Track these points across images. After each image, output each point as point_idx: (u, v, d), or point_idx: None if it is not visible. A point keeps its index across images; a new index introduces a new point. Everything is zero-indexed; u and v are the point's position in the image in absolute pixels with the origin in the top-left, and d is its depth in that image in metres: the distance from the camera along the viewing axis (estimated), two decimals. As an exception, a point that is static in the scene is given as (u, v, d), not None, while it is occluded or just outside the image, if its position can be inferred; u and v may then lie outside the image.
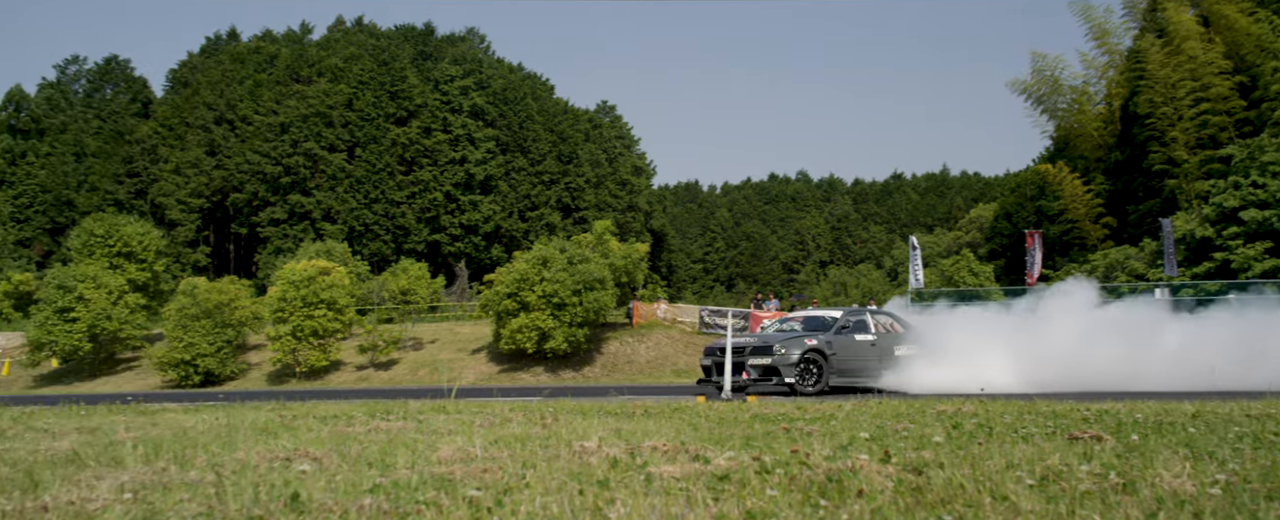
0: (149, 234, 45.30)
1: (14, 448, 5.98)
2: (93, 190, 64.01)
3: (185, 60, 75.40)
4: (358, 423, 7.41)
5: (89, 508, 3.43)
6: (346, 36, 73.09)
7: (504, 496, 3.34)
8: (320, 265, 38.24)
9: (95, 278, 40.24)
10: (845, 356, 16.04)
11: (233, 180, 61.18)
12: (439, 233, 63.10)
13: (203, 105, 64.16)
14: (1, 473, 4.65)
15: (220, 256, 64.85)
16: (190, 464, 4.60)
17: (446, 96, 65.82)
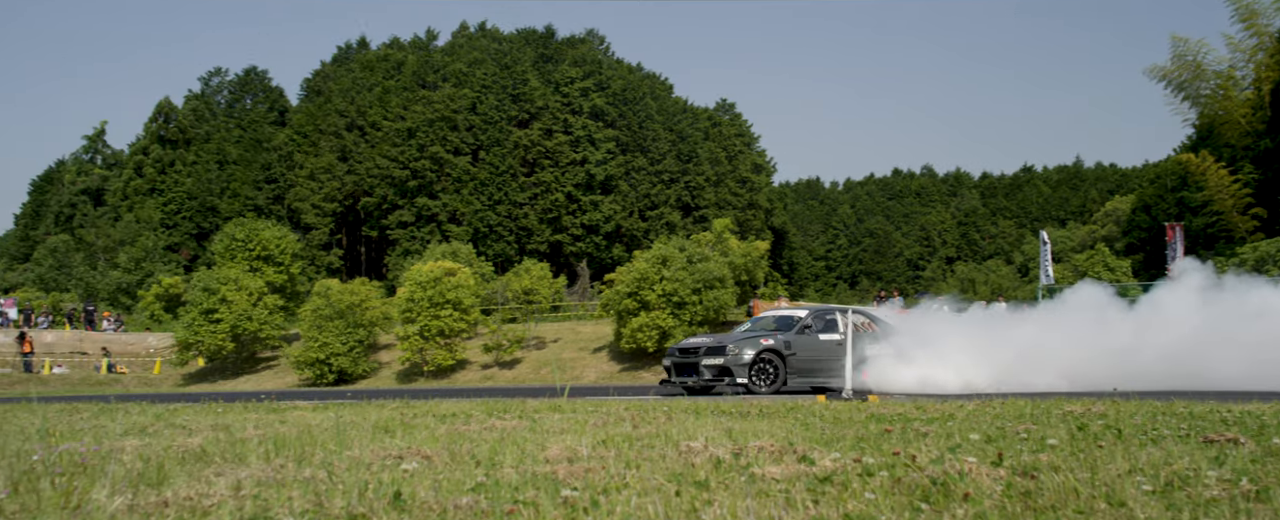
0: (285, 238, 47.12)
1: (151, 444, 6.26)
2: (234, 196, 67.04)
3: (318, 69, 78.33)
4: (474, 421, 7.53)
5: (205, 503, 3.55)
6: (470, 42, 74.67)
7: (601, 497, 3.33)
8: (446, 266, 39.12)
9: (237, 280, 42.04)
10: (806, 356, 16.05)
11: (363, 184, 63.17)
12: (561, 233, 63.93)
13: (335, 112, 66.46)
14: (135, 468, 4.85)
15: (352, 259, 67.07)
16: (308, 461, 4.74)
17: (567, 98, 66.62)
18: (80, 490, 3.76)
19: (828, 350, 16.20)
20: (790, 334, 16.31)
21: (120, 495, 3.74)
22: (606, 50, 78.78)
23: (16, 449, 4.77)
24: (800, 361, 16.03)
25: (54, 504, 3.62)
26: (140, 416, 9.90)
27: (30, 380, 40.78)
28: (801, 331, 16.44)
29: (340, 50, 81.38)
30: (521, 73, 66.70)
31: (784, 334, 16.34)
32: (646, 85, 71.36)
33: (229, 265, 44.27)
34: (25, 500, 3.65)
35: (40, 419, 9.97)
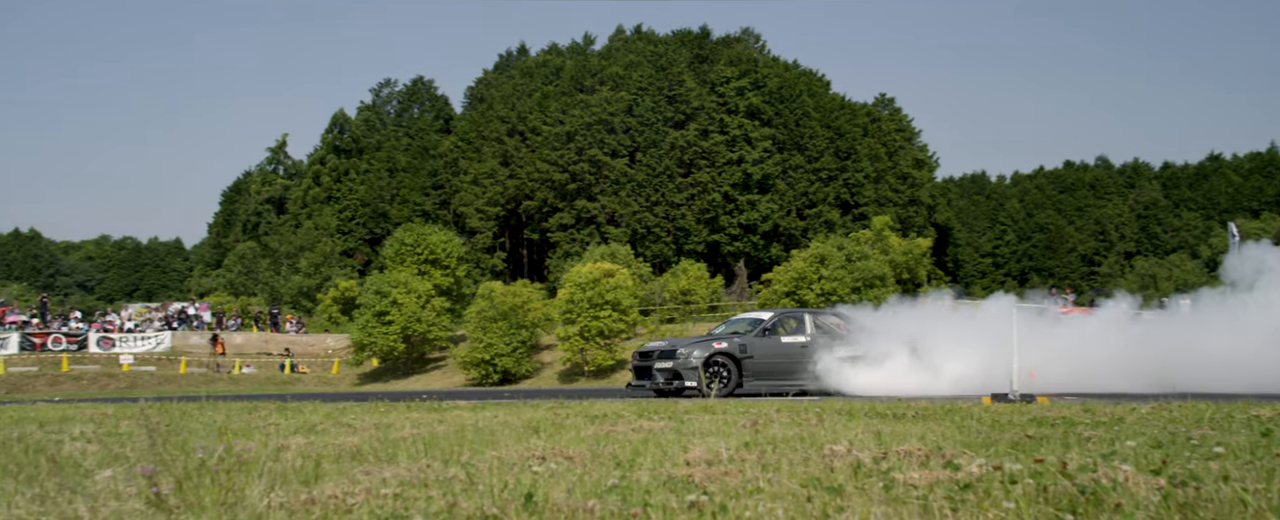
0: (451, 241, 48.74)
1: (315, 442, 6.52)
2: (403, 202, 69.79)
3: (481, 77, 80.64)
4: (623, 422, 7.55)
5: (348, 501, 3.65)
6: (626, 45, 75.45)
7: (730, 501, 3.26)
8: (605, 268, 39.65)
9: (406, 283, 43.74)
10: (766, 359, 15.93)
11: (524, 188, 64.69)
12: (718, 233, 63.87)
13: (497, 119, 68.30)
14: (294, 466, 5.05)
15: (515, 261, 68.78)
16: (453, 461, 4.83)
17: (723, 98, 66.51)
18: (237, 487, 3.92)
19: (790, 353, 16.09)
20: (749, 337, 16.23)
21: (272, 493, 3.89)
22: (762, 49, 78.25)
23: (186, 445, 5.04)
24: (759, 364, 15.90)
25: (213, 500, 3.79)
26: (312, 415, 10.34)
27: (222, 379, 43.52)
28: (763, 334, 16.32)
29: (501, 58, 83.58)
30: (677, 74, 66.97)
31: (742, 337, 16.28)
32: (803, 83, 70.48)
33: (399, 269, 46.10)
34: (187, 496, 3.83)
35: (223, 416, 10.57)
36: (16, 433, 8.81)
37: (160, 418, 9.92)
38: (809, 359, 16.00)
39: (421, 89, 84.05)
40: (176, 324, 48.94)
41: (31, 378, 41.53)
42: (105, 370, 43.59)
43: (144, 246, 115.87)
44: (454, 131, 74.44)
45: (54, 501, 4.09)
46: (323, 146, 79.01)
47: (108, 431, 8.20)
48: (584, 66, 70.83)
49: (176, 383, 40.98)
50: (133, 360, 44.65)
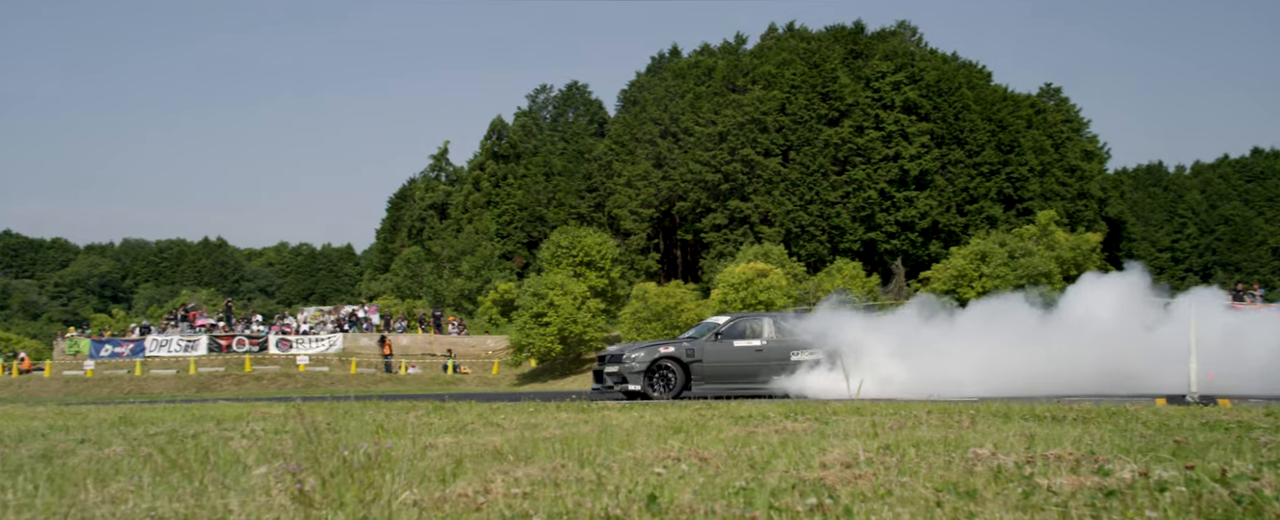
0: (606, 243, 49.36)
1: (462, 441, 6.65)
2: (559, 206, 71.10)
3: (634, 80, 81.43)
4: (767, 423, 7.42)
5: (479, 500, 3.68)
6: (779, 43, 74.79)
7: (857, 505, 3.12)
8: (758, 268, 39.40)
9: (562, 285, 44.54)
10: (716, 362, 16.19)
11: (677, 189, 64.89)
12: (874, 231, 62.54)
13: (649, 121, 68.78)
14: (438, 464, 5.14)
15: (669, 262, 69.10)
16: (589, 461, 4.83)
17: (878, 93, 65.10)
18: (377, 484, 4.01)
19: (744, 356, 16.27)
20: (700, 341, 16.51)
21: (408, 490, 3.96)
22: (919, 42, 76.29)
23: (339, 444, 5.21)
24: (709, 368, 16.19)
25: (353, 496, 3.88)
26: (465, 415, 10.58)
27: (390, 379, 45.32)
28: (715, 338, 16.52)
29: (654, 61, 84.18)
30: (831, 70, 65.95)
31: (691, 341, 16.58)
32: (962, 75, 68.26)
33: (555, 271, 46.99)
34: (330, 493, 3.94)
35: (382, 416, 10.95)
36: (193, 430, 9.34)
37: (324, 417, 10.35)
38: (765, 362, 16.19)
39: (576, 93, 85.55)
40: (347, 326, 51.18)
41: (218, 377, 44.23)
42: (284, 370, 46.02)
43: (318, 252, 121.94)
44: (608, 134, 75.39)
45: (208, 495, 4.27)
46: (482, 153, 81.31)
47: (273, 430, 8.59)
48: (736, 66, 70.56)
49: (348, 383, 42.87)
50: (308, 361, 46.99)
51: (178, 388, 42.02)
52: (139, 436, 8.44)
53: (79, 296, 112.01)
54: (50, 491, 4.68)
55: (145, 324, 52.99)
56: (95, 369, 45.95)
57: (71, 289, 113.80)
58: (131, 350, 47.02)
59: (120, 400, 26.74)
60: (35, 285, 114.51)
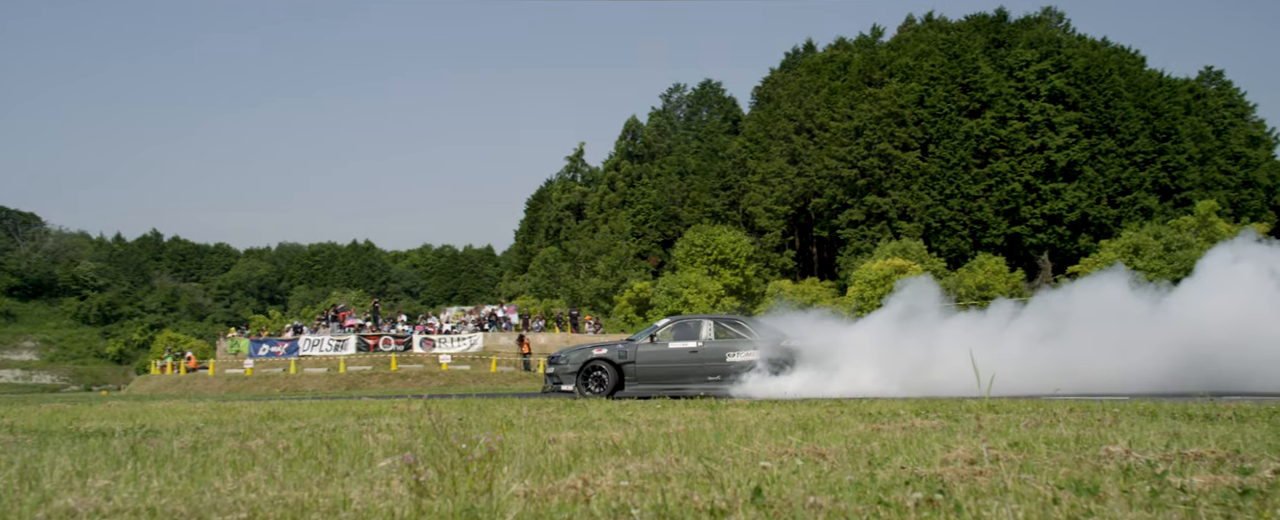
0: (740, 241, 49.19)
1: (583, 436, 6.69)
2: (694, 204, 71.14)
3: (768, 76, 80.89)
4: (897, 420, 7.23)
5: (587, 491, 3.68)
6: (917, 35, 73.15)
7: (970, 501, 2.97)
8: (895, 264, 38.59)
9: (696, 284, 44.61)
10: (650, 363, 16.70)
11: (813, 186, 64.11)
12: (1019, 225, 60.44)
13: (784, 117, 68.16)
14: (556, 458, 5.18)
15: (804, 259, 68.33)
16: (706, 456, 4.78)
17: (1022, 82, 62.91)
18: (490, 476, 4.05)
19: (678, 358, 16.78)
20: (636, 343, 17.06)
21: (520, 482, 3.99)
22: (1066, 28, 73.42)
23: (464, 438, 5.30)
24: (642, 369, 16.71)
25: (467, 487, 3.93)
26: (594, 412, 10.66)
27: (528, 377, 46.18)
28: (650, 340, 17.02)
29: (788, 57, 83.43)
30: (971, 61, 64.06)
31: (626, 344, 17.13)
32: (1113, 60, 65.31)
33: (690, 270, 47.07)
34: (446, 483, 4.00)
35: (512, 412, 11.13)
36: (333, 425, 9.68)
37: (457, 413, 10.60)
38: (700, 364, 16.72)
39: (709, 92, 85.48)
40: (487, 325, 52.36)
41: (366, 376, 45.87)
42: (427, 369, 47.38)
43: (460, 254, 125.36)
44: (742, 132, 75.08)
45: (332, 485, 4.41)
46: (617, 153, 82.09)
47: (406, 425, 8.82)
48: (872, 59, 69.31)
49: (488, 380, 43.86)
50: (450, 360, 48.25)
51: (328, 385, 43.79)
52: (283, 430, 8.79)
53: (240, 299, 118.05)
54: (189, 479, 4.91)
55: (298, 324, 55.37)
56: (254, 367, 48.26)
57: (233, 291, 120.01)
58: (286, 350, 49.18)
59: (273, 397, 28.04)
60: (201, 288, 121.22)
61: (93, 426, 9.96)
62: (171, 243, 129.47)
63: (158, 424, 10.40)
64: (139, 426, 9.75)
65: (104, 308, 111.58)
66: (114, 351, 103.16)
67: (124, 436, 8.12)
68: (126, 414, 12.78)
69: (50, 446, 7.07)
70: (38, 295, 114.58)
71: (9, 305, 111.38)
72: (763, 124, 70.77)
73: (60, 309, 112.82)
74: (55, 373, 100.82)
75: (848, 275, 53.62)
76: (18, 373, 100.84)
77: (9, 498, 4.30)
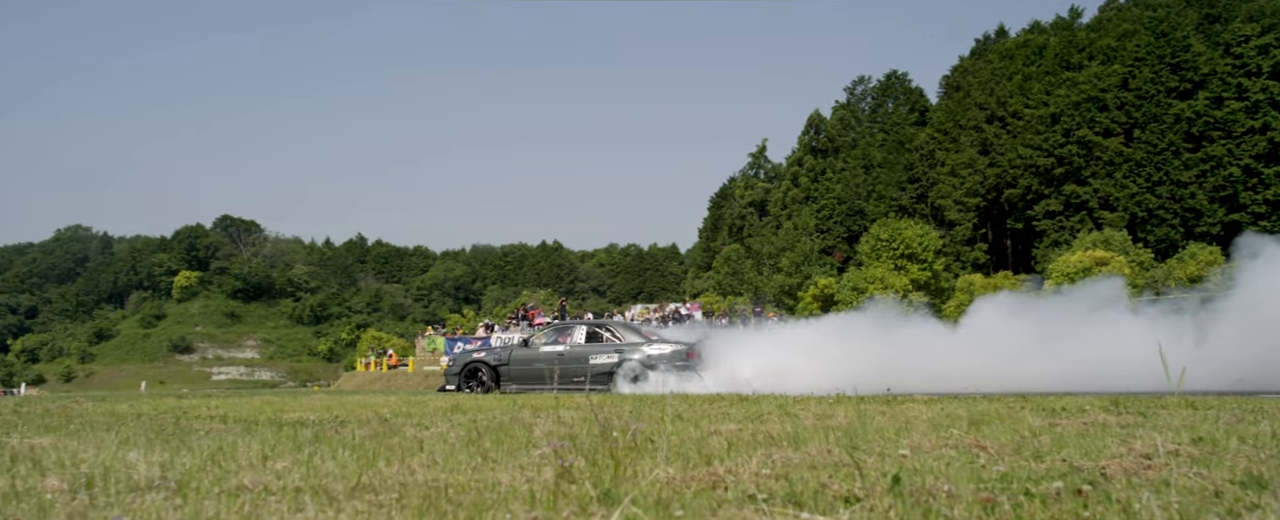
0: (928, 235, 47.71)
1: (744, 429, 6.64)
2: (880, 198, 69.56)
3: (956, 65, 78.20)
4: (1081, 416, 6.82)
5: (728, 479, 3.65)
6: (1120, 14, 69.11)
7: (1123, 494, 2.75)
8: (1096, 255, 36.60)
9: (883, 279, 43.58)
10: (522, 365, 18.40)
11: (1006, 176, 61.56)
12: (1238, 212, 56.06)
13: (974, 106, 65.75)
14: (713, 448, 5.15)
15: (997, 252, 65.68)
16: (860, 448, 4.64)
17: (1241, 59, 58.33)
18: (636, 464, 4.07)
19: (546, 360, 18.29)
20: (509, 347, 19.22)
21: (665, 469, 3.99)
22: (1289, -2, 67.64)
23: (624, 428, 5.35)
24: (515, 371, 18.40)
25: (611, 475, 3.96)
26: (765, 406, 10.56)
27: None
28: (523, 345, 18.94)
29: (978, 43, 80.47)
30: (1182, 39, 59.89)
31: (504, 348, 19.36)
32: (1356, 28, 59.63)
33: (875, 265, 46.05)
34: (593, 469, 4.05)
35: (685, 407, 11.17)
36: (510, 416, 9.97)
37: (630, 406, 10.72)
38: (565, 365, 18.11)
39: (895, 83, 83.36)
40: (672, 323, 52.80)
41: (555, 372, 47.08)
42: (614, 365, 48.21)
43: (645, 252, 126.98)
44: (929, 123, 72.89)
45: (487, 470, 4.53)
46: (800, 148, 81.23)
47: (579, 417, 8.97)
48: (1070, 42, 65.91)
49: (672, 376, 44.21)
50: (636, 356, 48.90)
51: (519, 381, 45.14)
52: (460, 421, 9.11)
53: (437, 298, 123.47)
54: (359, 463, 5.15)
55: (489, 322, 57.36)
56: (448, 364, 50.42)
57: (431, 292, 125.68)
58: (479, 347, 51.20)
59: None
60: (402, 289, 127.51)
61: (292, 417, 10.57)
62: (375, 246, 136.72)
63: (350, 415, 10.95)
64: (332, 418, 10.29)
65: (315, 308, 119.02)
66: (325, 349, 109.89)
67: (315, 426, 8.59)
68: (324, 406, 13.54)
69: (249, 434, 7.56)
70: (258, 297, 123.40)
71: (233, 307, 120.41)
72: (952, 114, 68.45)
73: (277, 310, 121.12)
74: (274, 370, 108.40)
75: (1044, 268, 51.21)
76: (242, 369, 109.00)
77: (197, 475, 4.61)
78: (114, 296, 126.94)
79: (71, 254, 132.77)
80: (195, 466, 4.99)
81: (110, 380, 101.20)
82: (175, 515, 3.35)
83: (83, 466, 5.03)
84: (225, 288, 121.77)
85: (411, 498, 3.60)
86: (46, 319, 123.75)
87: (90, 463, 5.22)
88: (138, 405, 14.13)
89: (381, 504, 3.58)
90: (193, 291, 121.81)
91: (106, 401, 15.90)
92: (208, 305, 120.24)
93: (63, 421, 9.55)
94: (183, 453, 5.76)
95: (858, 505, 2.86)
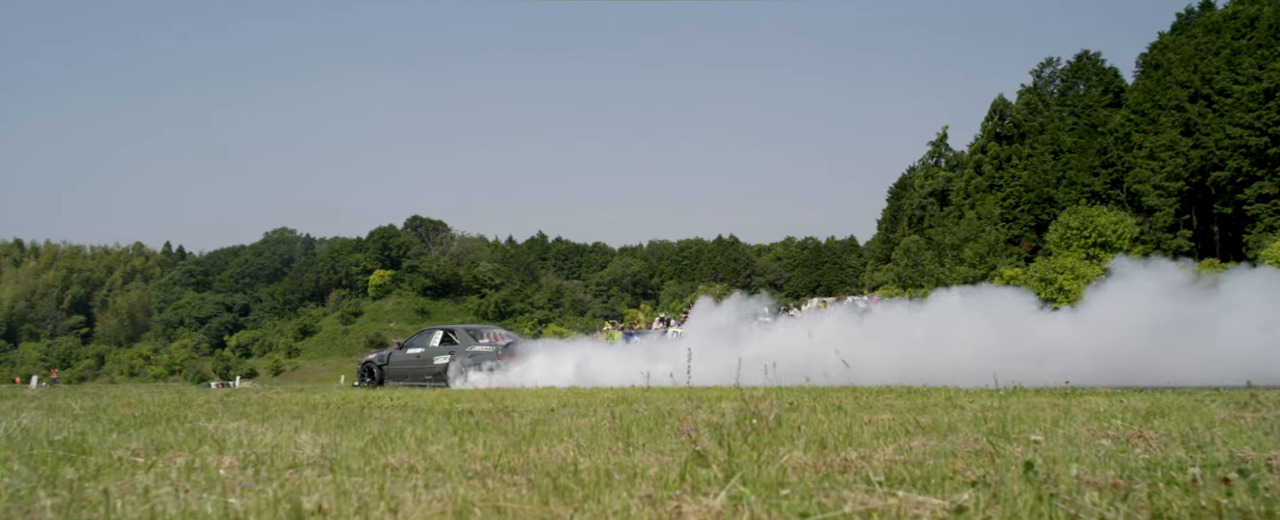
0: (1123, 222, 45.22)
1: (898, 419, 6.51)
2: (1070, 185, 66.23)
3: (1155, 42, 73.73)
4: (1266, 409, 6.34)
5: (858, 464, 3.58)
6: (1340, -22, 63.46)
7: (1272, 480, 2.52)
8: (1314, 241, 33.72)
9: (1073, 269, 41.57)
10: (396, 366, 22.29)
11: (1212, 158, 57.56)
12: None
13: (1175, 84, 61.77)
14: (859, 437, 5.07)
15: (1203, 239, 61.47)
16: (1010, 437, 4.46)
17: None
18: (772, 447, 4.04)
19: (410, 361, 22.10)
20: (391, 352, 22.76)
21: (802, 453, 3.95)
22: None
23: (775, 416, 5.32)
24: (392, 370, 22.33)
25: (747, 458, 3.94)
26: (935, 397, 10.28)
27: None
28: (398, 348, 22.65)
29: (1180, 18, 75.53)
30: None
31: (386, 353, 22.95)
32: None
33: (1065, 254, 44.04)
34: (728, 454, 4.04)
35: (850, 397, 10.97)
36: (671, 406, 10.05)
37: (793, 398, 10.61)
38: (421, 365, 21.91)
39: (1087, 64, 79.22)
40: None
41: (734, 365, 47.11)
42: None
43: (823, 245, 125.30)
44: (1125, 104, 68.89)
45: (627, 454, 4.59)
46: (983, 135, 78.32)
47: (739, 409, 8.96)
48: (1284, 11, 60.97)
49: (850, 371, 43.51)
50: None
51: (693, 374, 45.40)
52: (622, 412, 9.23)
53: (615, 294, 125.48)
54: (509, 448, 5.30)
55: (665, 316, 57.84)
56: (627, 357, 51.16)
57: (609, 287, 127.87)
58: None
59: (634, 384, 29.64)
60: (581, 285, 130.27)
61: (463, 406, 10.95)
62: (555, 243, 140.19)
63: (518, 405, 11.26)
64: (500, 407, 10.61)
65: (500, 304, 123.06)
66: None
67: (481, 415, 8.89)
68: (497, 397, 13.98)
69: (417, 421, 7.89)
70: (445, 294, 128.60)
71: (423, 303, 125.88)
72: (1150, 94, 64.45)
73: (464, 306, 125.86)
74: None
75: (1256, 255, 47.61)
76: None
77: (354, 456, 4.85)
78: (316, 295, 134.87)
79: (278, 255, 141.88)
80: (356, 448, 5.25)
81: (314, 373, 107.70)
82: (318, 486, 3.53)
83: (258, 447, 5.38)
84: (416, 285, 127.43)
85: (541, 477, 3.67)
86: (257, 316, 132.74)
87: (265, 443, 5.58)
88: (329, 395, 14.98)
89: (513, 482, 3.67)
90: (386, 289, 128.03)
91: (302, 392, 16.95)
92: (400, 302, 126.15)
93: (258, 410, 10.23)
94: (351, 436, 6.08)
95: (974, 489, 2.75)
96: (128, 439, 6.01)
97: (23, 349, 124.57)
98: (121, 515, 3.04)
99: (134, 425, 7.54)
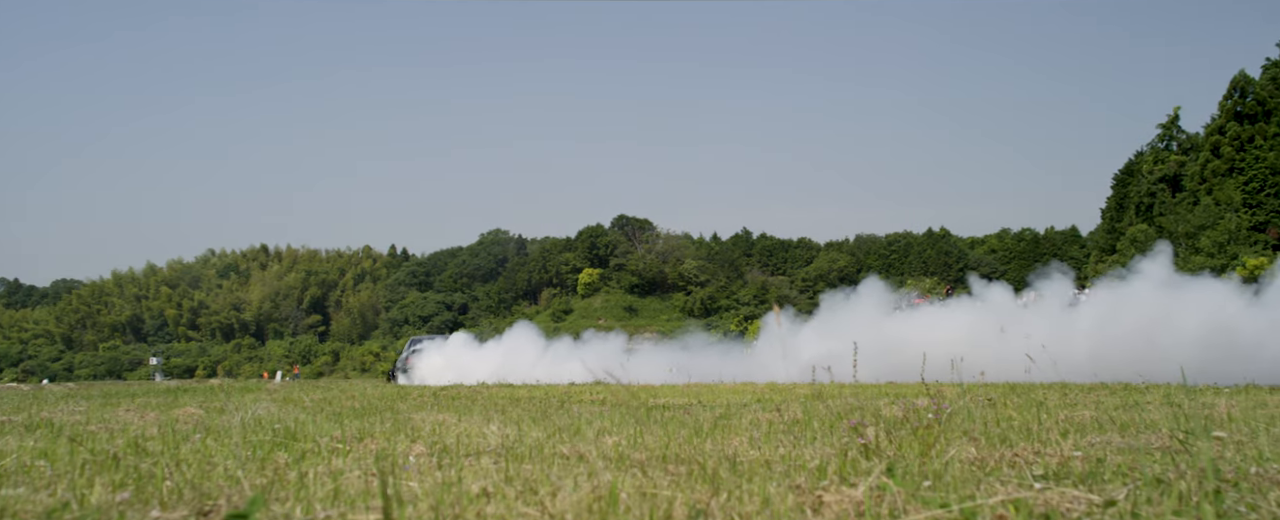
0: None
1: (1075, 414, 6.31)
2: (1322, 166, 60.44)
3: None
4: None
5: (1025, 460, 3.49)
6: None
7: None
8: None
9: (1325, 257, 37.90)
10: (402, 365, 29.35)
11: None
12: None
13: None
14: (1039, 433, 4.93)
15: None
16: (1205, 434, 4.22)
17: None
18: (937, 441, 3.96)
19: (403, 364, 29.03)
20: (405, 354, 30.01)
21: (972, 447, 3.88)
22: None
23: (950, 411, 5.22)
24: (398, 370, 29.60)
25: (914, 450, 3.89)
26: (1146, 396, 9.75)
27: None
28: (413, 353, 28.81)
29: None
30: None
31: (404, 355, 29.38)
32: None
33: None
34: (896, 447, 4.00)
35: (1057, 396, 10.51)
36: (862, 404, 9.89)
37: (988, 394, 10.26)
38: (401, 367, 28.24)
39: (1339, 31, 72.07)
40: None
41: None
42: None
43: (1041, 237, 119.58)
44: None
45: (796, 446, 4.60)
46: (1221, 114, 72.59)
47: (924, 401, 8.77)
48: None
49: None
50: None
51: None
52: (812, 406, 9.16)
53: (821, 289, 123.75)
54: (677, 439, 5.38)
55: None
56: (830, 353, 50.57)
57: (815, 283, 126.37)
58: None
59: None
60: (786, 281, 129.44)
61: (659, 401, 11.16)
62: (759, 239, 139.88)
63: (711, 400, 11.37)
64: (692, 402, 10.75)
65: (705, 301, 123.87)
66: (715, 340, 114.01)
67: (672, 409, 9.04)
68: (694, 392, 14.13)
69: (605, 414, 8.10)
70: (652, 291, 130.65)
71: (631, 301, 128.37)
72: None
73: (670, 303, 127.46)
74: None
75: None
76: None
77: (533, 445, 5.05)
78: (529, 293, 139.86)
79: (493, 255, 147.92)
80: (538, 438, 5.46)
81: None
82: (490, 473, 3.71)
83: (447, 437, 5.69)
84: (623, 283, 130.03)
85: (705, 467, 3.72)
86: (475, 315, 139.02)
87: (455, 433, 5.89)
88: (534, 390, 15.56)
89: (675, 473, 3.74)
90: (595, 287, 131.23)
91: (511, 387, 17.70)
92: (608, 300, 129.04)
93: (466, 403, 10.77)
94: (538, 428, 6.31)
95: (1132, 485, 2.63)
96: (338, 428, 6.47)
97: (269, 346, 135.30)
98: (311, 494, 3.28)
99: (351, 415, 8.13)
